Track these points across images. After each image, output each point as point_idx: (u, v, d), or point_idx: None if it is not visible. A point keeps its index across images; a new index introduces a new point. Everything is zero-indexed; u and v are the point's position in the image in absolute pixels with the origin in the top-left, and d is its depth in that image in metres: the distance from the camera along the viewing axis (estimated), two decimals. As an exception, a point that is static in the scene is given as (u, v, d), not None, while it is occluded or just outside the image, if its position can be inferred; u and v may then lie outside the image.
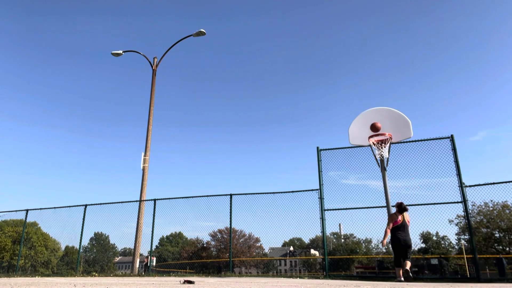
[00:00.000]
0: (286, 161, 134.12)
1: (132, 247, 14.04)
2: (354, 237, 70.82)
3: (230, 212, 11.90)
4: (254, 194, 11.70)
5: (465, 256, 27.63)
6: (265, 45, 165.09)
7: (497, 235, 36.97)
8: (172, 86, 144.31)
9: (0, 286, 5.30)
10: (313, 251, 76.74)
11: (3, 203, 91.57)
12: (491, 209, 36.40)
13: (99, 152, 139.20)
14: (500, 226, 36.11)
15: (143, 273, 14.80)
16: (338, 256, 49.19)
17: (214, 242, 55.80)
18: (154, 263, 22.65)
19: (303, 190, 11.02)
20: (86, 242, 41.53)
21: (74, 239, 14.41)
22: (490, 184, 9.23)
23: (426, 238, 53.91)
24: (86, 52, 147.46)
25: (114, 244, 75.56)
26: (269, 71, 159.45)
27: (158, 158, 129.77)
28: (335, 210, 10.43)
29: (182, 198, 12.83)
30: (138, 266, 13.90)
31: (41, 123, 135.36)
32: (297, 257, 74.86)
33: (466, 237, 35.72)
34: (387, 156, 9.58)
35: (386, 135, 9.62)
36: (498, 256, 23.33)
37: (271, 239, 54.61)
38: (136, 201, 13.97)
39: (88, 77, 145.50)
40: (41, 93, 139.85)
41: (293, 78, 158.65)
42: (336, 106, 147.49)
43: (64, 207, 14.82)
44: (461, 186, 9.38)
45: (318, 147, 11.21)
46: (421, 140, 10.12)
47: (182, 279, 7.54)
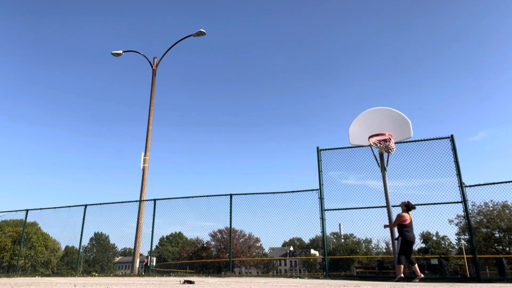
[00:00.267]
0: (286, 161, 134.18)
1: (132, 247, 14.04)
2: (354, 237, 70.93)
3: (230, 212, 11.91)
4: (254, 194, 11.71)
5: (465, 256, 27.63)
6: (265, 45, 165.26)
7: (497, 235, 36.98)
8: (172, 86, 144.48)
9: (0, 286, 5.30)
10: (313, 251, 76.73)
11: (3, 203, 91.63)
12: (491, 209, 36.41)
13: (99, 152, 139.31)
14: (500, 226, 36.11)
15: (143, 273, 14.79)
16: (338, 256, 49.22)
17: (214, 242, 55.84)
18: (154, 263, 22.63)
19: (303, 190, 11.03)
20: (86, 242, 41.58)
21: (74, 239, 14.42)
22: (490, 184, 9.23)
23: (426, 238, 53.93)
24: (86, 52, 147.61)
25: (114, 244, 75.59)
26: (269, 71, 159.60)
27: (158, 158, 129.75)
28: (335, 210, 10.44)
29: (182, 198, 12.85)
30: (138, 266, 13.90)
31: (41, 123, 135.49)
32: (297, 257, 74.83)
33: (466, 237, 35.72)
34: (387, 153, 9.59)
35: (386, 135, 9.62)
36: (498, 256, 23.33)
37: (271, 239, 54.67)
38: (136, 201, 13.98)
39: (88, 77, 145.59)
40: (41, 93, 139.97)
41: (293, 78, 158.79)
42: (336, 106, 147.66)
43: (64, 207, 14.85)
44: (461, 186, 9.38)
45: (318, 147, 11.22)
46: (421, 140, 10.14)
47: (182, 279, 7.54)
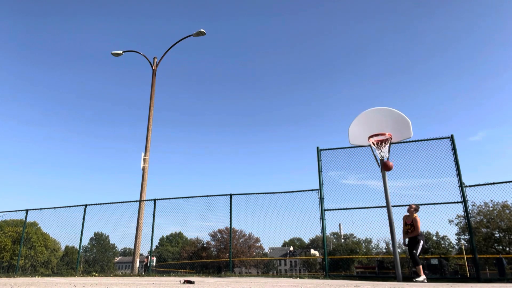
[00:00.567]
0: (286, 161, 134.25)
1: (132, 247, 14.04)
2: (354, 237, 70.95)
3: (230, 212, 11.89)
4: (254, 194, 11.69)
5: (465, 256, 27.60)
6: (265, 45, 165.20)
7: (497, 235, 37.00)
8: (172, 86, 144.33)
9: (0, 286, 5.30)
10: (313, 251, 76.76)
11: (3, 203, 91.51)
12: (491, 209, 36.44)
13: (99, 152, 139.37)
14: (500, 226, 36.13)
15: (143, 273, 14.79)
16: (338, 256, 49.23)
17: (214, 242, 55.86)
18: (154, 263, 22.64)
19: (303, 190, 11.01)
20: (86, 242, 41.62)
21: (74, 239, 14.44)
22: (490, 184, 9.22)
23: (426, 238, 53.64)
24: (86, 52, 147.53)
25: (114, 244, 75.73)
26: (269, 72, 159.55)
27: (158, 158, 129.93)
28: (335, 210, 10.43)
29: (182, 198, 12.83)
30: (138, 266, 13.90)
31: (41, 123, 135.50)
32: (297, 257, 74.84)
33: (466, 237, 35.72)
34: (387, 156, 9.57)
35: (386, 135, 9.61)
36: (498, 256, 23.32)
37: (271, 239, 54.69)
38: (136, 201, 13.97)
39: (88, 77, 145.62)
40: (41, 93, 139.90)
41: (293, 78, 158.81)
42: (336, 107, 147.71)
43: (64, 207, 14.83)
44: (461, 186, 9.37)
45: (318, 147, 11.21)
46: (421, 140, 10.12)
47: (182, 279, 7.54)
